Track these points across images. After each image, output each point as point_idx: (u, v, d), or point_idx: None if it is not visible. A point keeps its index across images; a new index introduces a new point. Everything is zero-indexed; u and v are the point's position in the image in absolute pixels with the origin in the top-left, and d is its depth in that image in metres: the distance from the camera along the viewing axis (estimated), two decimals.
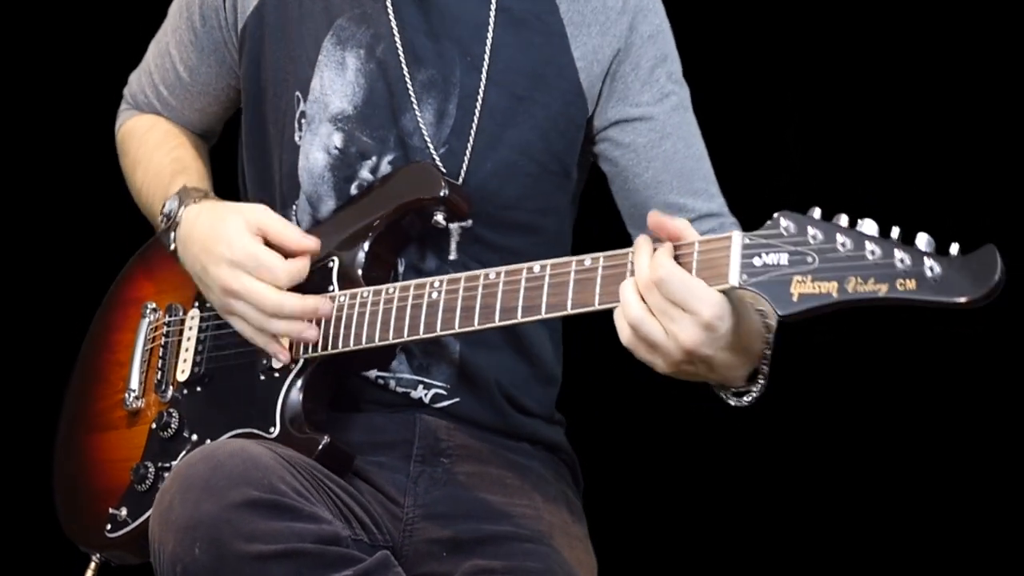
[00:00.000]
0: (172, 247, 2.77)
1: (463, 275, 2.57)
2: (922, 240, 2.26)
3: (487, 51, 2.74)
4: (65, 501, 2.90)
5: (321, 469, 2.60)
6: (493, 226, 2.76)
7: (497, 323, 2.53)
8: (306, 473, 2.55)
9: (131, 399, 2.85)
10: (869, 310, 2.28)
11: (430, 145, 2.74)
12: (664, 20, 2.81)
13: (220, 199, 2.80)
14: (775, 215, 2.34)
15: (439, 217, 2.71)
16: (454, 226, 2.74)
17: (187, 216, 2.74)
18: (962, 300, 2.21)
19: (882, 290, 2.25)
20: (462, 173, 2.74)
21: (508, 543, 2.64)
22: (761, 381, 2.46)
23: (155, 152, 2.95)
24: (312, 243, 2.66)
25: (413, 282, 2.62)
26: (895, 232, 2.28)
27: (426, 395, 2.77)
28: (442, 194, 2.69)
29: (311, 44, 2.78)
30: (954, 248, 2.24)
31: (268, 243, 2.66)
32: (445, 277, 2.59)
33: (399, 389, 2.77)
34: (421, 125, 2.74)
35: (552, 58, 2.75)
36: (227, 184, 2.97)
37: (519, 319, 2.51)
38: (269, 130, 2.83)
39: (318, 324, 2.66)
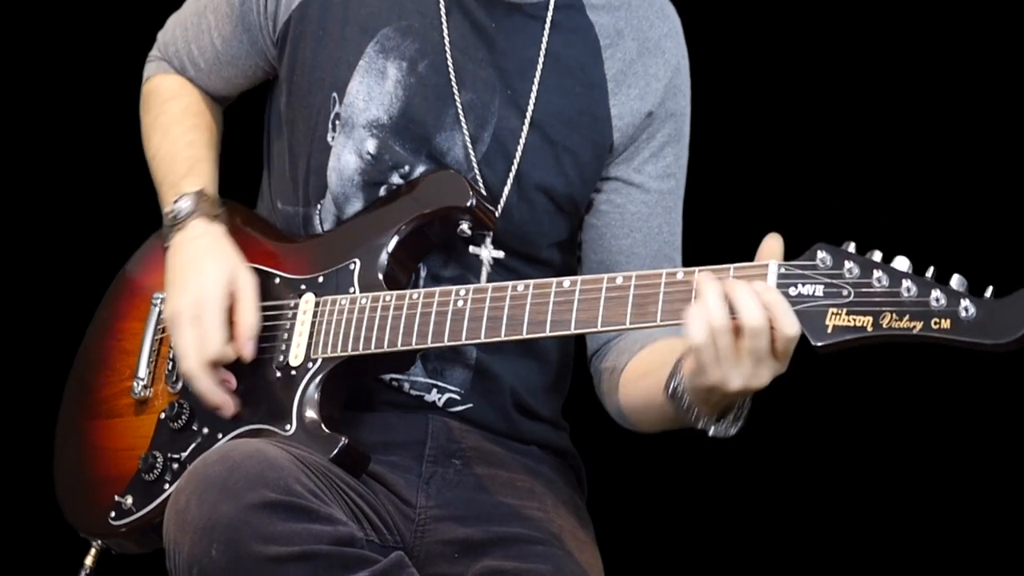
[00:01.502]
0: (167, 244, 2.78)
1: (489, 285, 2.58)
2: (955, 281, 2.29)
3: (533, 93, 2.75)
4: (67, 486, 2.87)
5: (334, 469, 2.60)
6: (515, 255, 2.78)
7: (524, 335, 2.54)
8: (320, 474, 2.54)
9: (139, 388, 2.82)
10: (899, 345, 2.31)
11: (474, 165, 2.75)
12: (689, 103, 2.85)
13: (228, 214, 2.80)
14: (812, 247, 2.37)
15: (464, 227, 2.71)
16: (486, 255, 2.75)
17: (192, 229, 2.76)
18: (995, 343, 2.25)
19: (917, 327, 2.28)
20: (499, 206, 2.76)
21: (519, 544, 2.64)
22: (740, 422, 2.49)
23: (172, 127, 2.92)
24: (248, 353, 2.68)
25: (437, 289, 2.62)
26: (929, 272, 2.31)
27: (439, 399, 2.77)
28: (470, 204, 2.69)
29: (353, 48, 2.77)
30: (988, 291, 2.28)
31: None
32: (471, 287, 2.59)
33: (413, 392, 2.77)
34: (468, 145, 2.75)
35: (590, 109, 2.78)
36: (240, 170, 2.98)
37: (547, 332, 2.52)
38: (299, 126, 2.82)
39: (345, 327, 2.66)
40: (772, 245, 2.40)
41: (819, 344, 2.33)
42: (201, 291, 2.69)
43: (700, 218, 3.00)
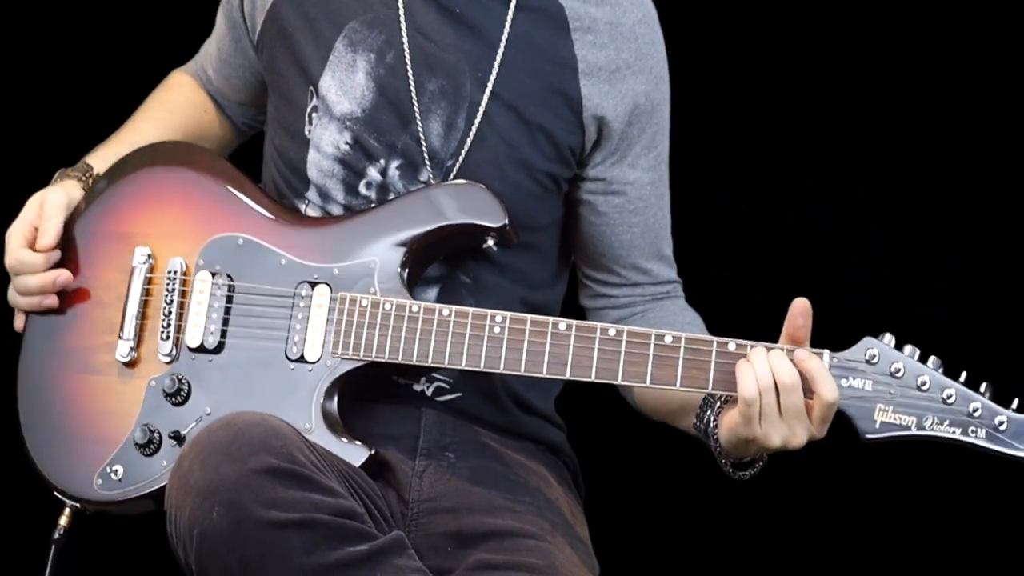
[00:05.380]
0: None
1: (528, 317, 2.56)
2: (984, 388, 2.46)
3: (495, 70, 2.71)
4: (41, 441, 2.69)
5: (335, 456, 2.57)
6: None
7: (568, 376, 2.55)
8: (322, 452, 2.51)
9: (126, 350, 2.67)
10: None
11: (449, 151, 2.70)
12: (668, 87, 2.83)
13: (91, 175, 2.78)
14: (862, 341, 2.48)
15: (491, 243, 2.68)
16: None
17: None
18: None
19: (956, 433, 2.45)
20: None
21: (511, 539, 2.63)
22: (759, 464, 2.60)
23: (137, 114, 2.95)
24: (44, 244, 2.71)
25: (470, 310, 2.58)
26: (963, 376, 2.46)
27: (428, 388, 2.73)
28: (502, 225, 2.66)
29: (323, 43, 2.73)
30: (1015, 403, 2.46)
31: None
32: (508, 314, 2.57)
33: (402, 381, 2.72)
34: (441, 132, 2.70)
35: (560, 88, 2.74)
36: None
37: (592, 378, 2.54)
38: (282, 123, 2.78)
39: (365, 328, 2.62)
40: (802, 307, 2.49)
41: (868, 436, 2.46)
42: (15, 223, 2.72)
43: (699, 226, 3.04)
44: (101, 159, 2.81)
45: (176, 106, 2.94)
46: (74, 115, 3.59)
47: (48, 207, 2.72)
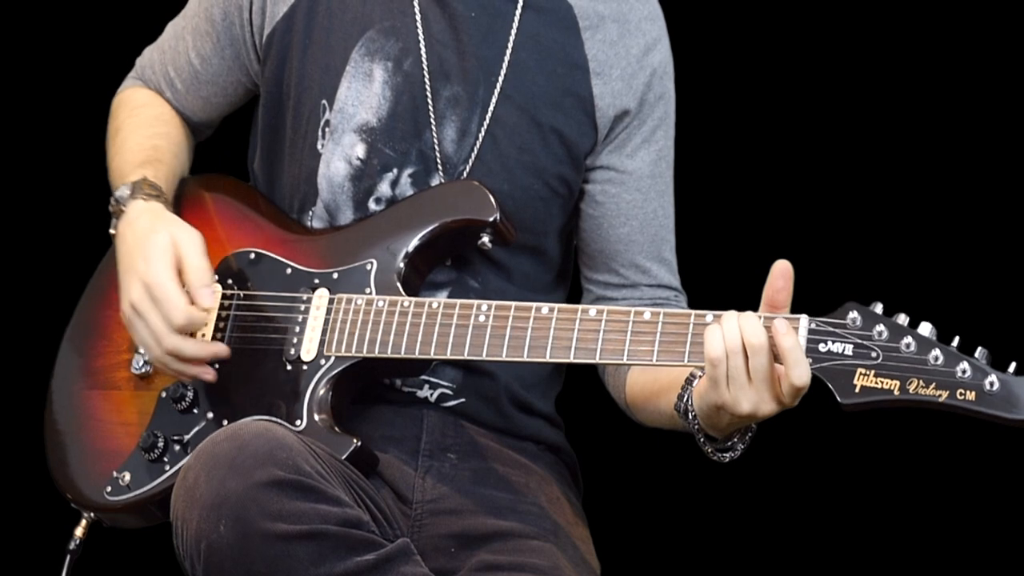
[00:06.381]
0: (112, 232, 2.67)
1: (512, 304, 2.52)
2: (979, 354, 2.29)
3: (503, 71, 2.69)
4: (60, 454, 2.74)
5: (338, 461, 2.53)
6: (513, 247, 2.71)
7: (548, 359, 2.49)
8: (326, 460, 2.48)
9: (139, 364, 2.70)
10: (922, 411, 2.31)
11: (463, 158, 2.69)
12: (673, 83, 2.80)
13: (170, 202, 2.70)
14: (844, 305, 2.35)
15: (486, 239, 2.65)
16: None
17: (131, 211, 2.64)
18: (1018, 418, 2.26)
19: (943, 396, 2.28)
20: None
21: (515, 539, 2.59)
22: (741, 446, 2.49)
23: (138, 130, 2.83)
24: (206, 302, 2.56)
25: (457, 301, 2.56)
26: (955, 341, 2.31)
27: (432, 395, 2.71)
28: (494, 219, 2.63)
29: (339, 53, 2.71)
30: (1011, 367, 2.28)
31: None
32: (493, 303, 2.53)
33: (405, 388, 2.70)
34: (435, 141, 2.69)
35: (572, 89, 2.72)
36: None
37: (571, 359, 2.48)
38: (287, 135, 2.76)
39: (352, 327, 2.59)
40: (783, 268, 2.38)
41: (847, 403, 2.32)
42: (148, 272, 2.56)
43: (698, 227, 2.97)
44: (157, 178, 2.71)
45: (172, 126, 2.87)
46: (74, 114, 3.67)
47: (194, 258, 2.57)
